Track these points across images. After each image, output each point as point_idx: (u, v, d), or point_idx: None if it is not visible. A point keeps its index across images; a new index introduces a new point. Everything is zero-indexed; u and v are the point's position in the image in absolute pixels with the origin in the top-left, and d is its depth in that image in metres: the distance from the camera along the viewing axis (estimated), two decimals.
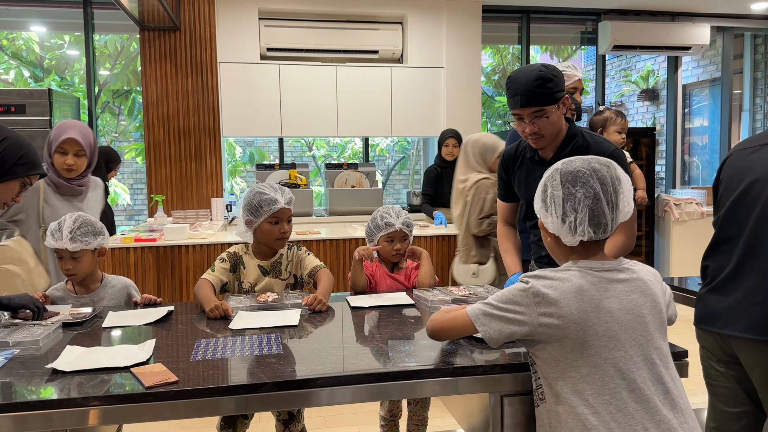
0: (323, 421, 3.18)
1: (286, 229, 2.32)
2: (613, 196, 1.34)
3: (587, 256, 1.39)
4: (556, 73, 1.95)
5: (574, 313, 1.30)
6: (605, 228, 1.35)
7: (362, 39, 5.82)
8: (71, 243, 2.11)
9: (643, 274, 1.40)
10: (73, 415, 1.32)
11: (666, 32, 6.29)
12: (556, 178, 1.37)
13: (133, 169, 8.64)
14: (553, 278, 1.34)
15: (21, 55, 8.11)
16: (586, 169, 1.35)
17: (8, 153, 1.84)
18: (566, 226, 1.35)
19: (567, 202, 1.34)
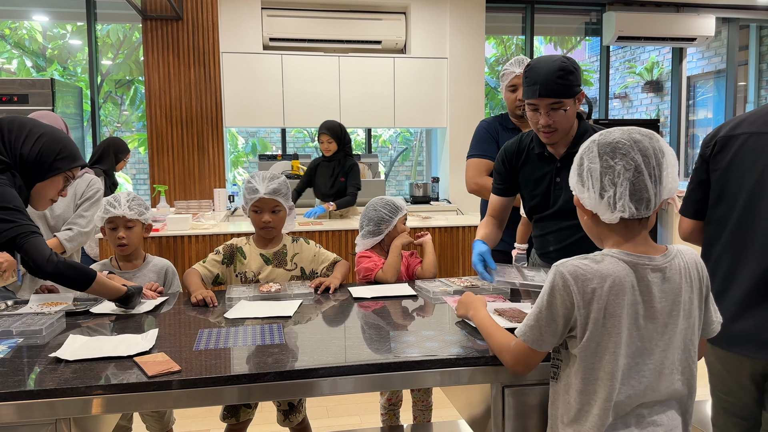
0: (325, 411, 3.20)
1: (267, 219, 2.32)
2: (656, 169, 1.22)
3: (628, 237, 1.26)
4: (576, 66, 1.91)
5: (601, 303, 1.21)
6: (648, 204, 1.23)
7: (365, 29, 5.79)
8: (129, 211, 2.27)
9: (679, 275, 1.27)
10: (77, 403, 1.33)
11: (671, 23, 6.25)
12: (593, 150, 1.26)
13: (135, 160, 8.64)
14: (586, 260, 1.24)
15: (23, 44, 8.10)
16: (626, 139, 1.24)
17: (47, 149, 1.86)
18: (605, 201, 1.23)
19: (605, 175, 1.23)
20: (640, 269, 1.23)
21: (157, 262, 2.43)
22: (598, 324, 1.22)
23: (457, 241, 4.15)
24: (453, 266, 4.16)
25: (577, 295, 1.21)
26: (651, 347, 1.25)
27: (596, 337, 1.23)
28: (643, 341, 1.25)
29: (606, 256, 1.25)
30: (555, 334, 1.27)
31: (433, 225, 4.14)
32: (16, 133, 1.85)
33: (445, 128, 6.01)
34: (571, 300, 1.22)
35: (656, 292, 1.24)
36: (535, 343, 1.28)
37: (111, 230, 2.31)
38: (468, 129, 5.94)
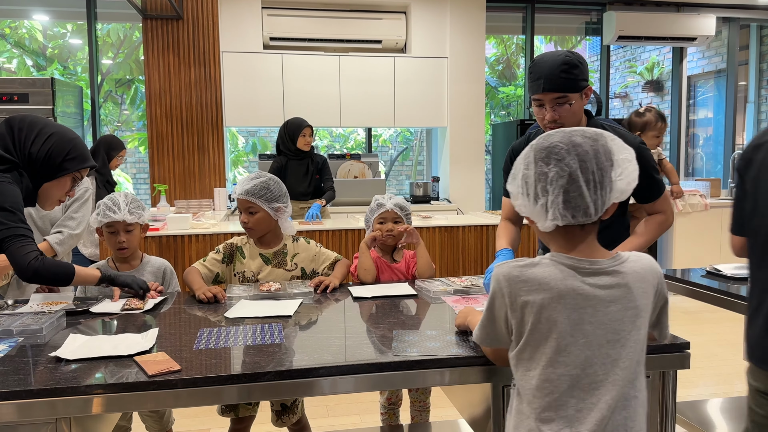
0: (325, 410, 3.20)
1: (243, 220, 2.33)
2: (596, 174, 1.15)
3: (570, 243, 1.21)
4: (582, 61, 1.89)
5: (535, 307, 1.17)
6: (585, 211, 1.16)
7: (365, 28, 5.79)
8: (129, 215, 2.26)
9: (631, 279, 1.20)
10: (77, 403, 1.33)
11: (671, 23, 6.25)
12: (530, 156, 1.20)
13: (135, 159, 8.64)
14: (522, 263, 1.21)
15: (24, 43, 8.10)
16: (565, 143, 1.16)
17: (56, 149, 1.85)
18: (538, 208, 1.18)
19: (539, 183, 1.17)
20: (580, 273, 1.18)
21: (154, 262, 2.42)
22: (533, 329, 1.18)
23: (458, 241, 4.15)
24: (453, 266, 4.16)
25: (510, 297, 1.19)
26: (601, 356, 1.17)
27: (532, 343, 1.19)
28: (592, 350, 1.17)
29: (544, 259, 1.21)
30: (499, 335, 1.27)
31: (433, 224, 4.14)
32: (27, 132, 1.84)
33: (445, 128, 6.01)
34: (505, 302, 1.21)
35: (603, 297, 1.17)
36: (481, 340, 1.33)
37: (110, 234, 2.29)
38: (468, 128, 5.95)
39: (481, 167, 6.08)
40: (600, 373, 1.17)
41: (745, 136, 7.19)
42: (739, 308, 2.19)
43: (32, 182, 1.87)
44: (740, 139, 7.16)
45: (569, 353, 1.17)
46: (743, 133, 7.19)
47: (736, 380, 3.65)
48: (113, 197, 2.31)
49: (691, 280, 2.45)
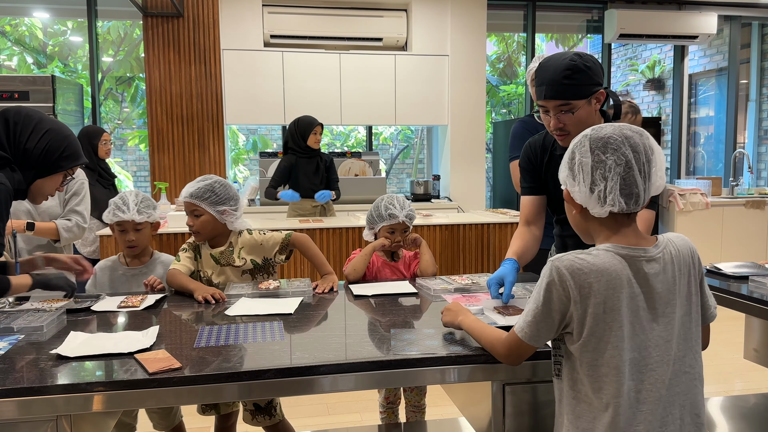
0: (325, 408, 3.20)
1: (189, 223, 2.29)
2: (646, 166, 1.24)
3: (617, 231, 1.28)
4: (591, 64, 1.76)
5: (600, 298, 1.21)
6: (637, 199, 1.24)
7: (366, 26, 5.79)
8: (138, 215, 2.27)
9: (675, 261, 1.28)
10: (78, 400, 1.33)
11: (673, 21, 6.24)
12: (585, 145, 1.26)
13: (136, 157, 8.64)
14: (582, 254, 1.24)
15: (24, 41, 8.09)
16: (618, 135, 1.24)
17: (53, 146, 1.83)
18: (595, 195, 1.25)
19: (596, 170, 1.24)
20: (635, 261, 1.24)
21: (164, 258, 2.44)
22: (598, 319, 1.21)
23: (458, 239, 4.15)
24: (454, 264, 4.16)
25: (574, 290, 1.21)
26: (654, 338, 1.25)
27: (597, 333, 1.22)
28: (645, 333, 1.24)
29: (601, 250, 1.25)
30: (551, 330, 1.27)
31: (434, 223, 4.14)
32: (22, 127, 1.82)
33: (446, 126, 6.01)
34: (568, 295, 1.22)
35: (654, 283, 1.24)
36: (532, 339, 1.29)
37: (120, 232, 2.31)
38: (469, 126, 5.95)
39: (481, 165, 6.07)
40: (654, 354, 1.24)
41: (746, 135, 7.18)
42: (739, 307, 2.19)
43: (25, 178, 1.85)
44: (741, 138, 7.15)
45: (631, 339, 1.23)
46: (744, 132, 7.19)
47: (737, 379, 3.65)
48: (123, 196, 2.31)
49: None
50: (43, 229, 2.50)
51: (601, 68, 1.82)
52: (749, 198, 5.91)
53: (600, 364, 1.23)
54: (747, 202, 5.85)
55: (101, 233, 3.78)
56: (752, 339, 2.82)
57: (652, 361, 1.24)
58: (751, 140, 7.13)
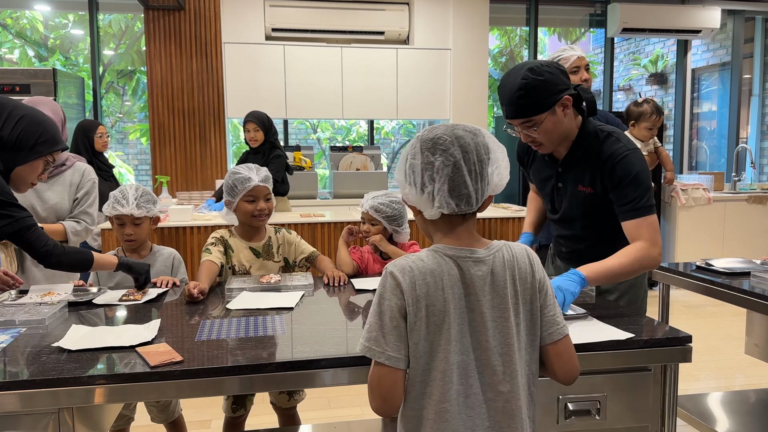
0: (326, 402, 3.21)
1: (262, 207, 2.31)
2: (477, 165, 1.20)
3: (451, 232, 1.25)
4: (546, 75, 1.72)
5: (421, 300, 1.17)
6: (468, 200, 1.21)
7: (368, 20, 5.77)
8: (137, 209, 2.27)
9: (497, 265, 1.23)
10: (79, 393, 1.33)
11: (676, 15, 6.21)
12: (416, 146, 1.23)
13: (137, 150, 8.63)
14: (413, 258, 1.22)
15: (25, 34, 8.08)
16: (449, 135, 1.21)
17: (27, 132, 1.80)
18: (425, 196, 1.22)
19: (425, 171, 1.21)
20: (461, 262, 1.21)
21: (164, 251, 2.45)
22: (429, 322, 1.18)
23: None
24: None
25: (408, 292, 1.17)
26: (483, 343, 1.20)
27: (429, 336, 1.18)
28: (473, 336, 1.20)
29: (429, 252, 1.23)
30: (401, 339, 1.17)
31: None
32: None
33: (448, 120, 6.00)
34: (404, 298, 1.17)
35: (480, 285, 1.21)
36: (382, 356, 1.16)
37: (119, 226, 2.32)
38: (471, 120, 5.92)
39: None
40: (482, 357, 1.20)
41: (749, 130, 7.16)
42: (741, 302, 2.19)
43: (4, 166, 1.83)
44: (744, 133, 7.13)
45: (459, 342, 1.19)
46: (747, 127, 7.16)
47: (738, 374, 3.66)
48: (123, 190, 2.31)
49: (692, 274, 2.45)
50: (51, 231, 2.47)
51: (562, 73, 1.77)
52: (751, 193, 5.90)
53: (431, 368, 1.18)
54: (749, 197, 5.84)
55: (102, 227, 3.78)
56: (753, 334, 2.82)
57: (479, 365, 1.20)
58: (753, 135, 7.11)
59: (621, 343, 1.53)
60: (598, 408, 1.56)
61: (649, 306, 2.13)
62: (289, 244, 2.45)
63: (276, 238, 2.43)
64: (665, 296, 2.62)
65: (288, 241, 2.45)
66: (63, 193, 2.50)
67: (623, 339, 1.54)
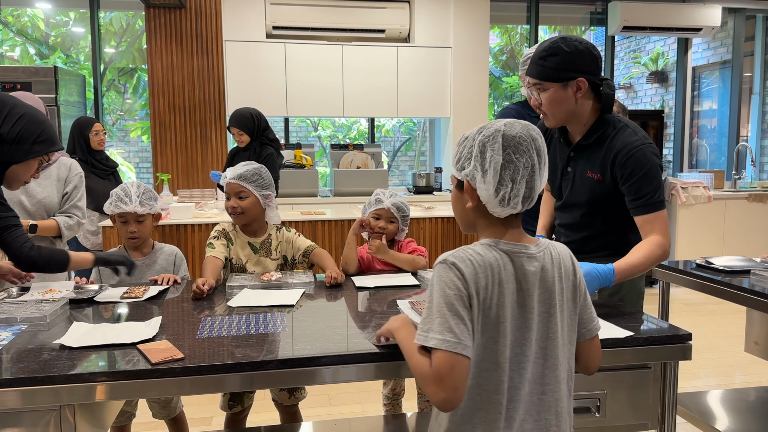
0: (327, 399, 3.21)
1: (234, 205, 2.32)
2: (543, 168, 1.23)
3: (506, 229, 1.25)
4: (573, 51, 1.75)
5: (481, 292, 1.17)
6: (531, 201, 1.23)
7: (369, 18, 5.76)
8: (140, 207, 2.29)
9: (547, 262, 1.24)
10: (81, 390, 1.34)
11: (676, 13, 6.20)
12: (498, 141, 1.20)
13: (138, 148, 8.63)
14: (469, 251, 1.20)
15: (26, 32, 8.08)
16: (527, 136, 1.21)
17: (27, 131, 1.80)
18: (500, 196, 1.20)
19: (506, 170, 1.20)
20: (516, 258, 1.21)
21: (165, 248, 2.46)
22: (487, 314, 1.18)
23: (459, 232, 4.15)
24: None
25: (471, 282, 1.16)
26: (530, 337, 1.21)
27: (485, 328, 1.18)
28: (522, 331, 1.21)
29: (485, 246, 1.22)
30: (470, 328, 1.15)
31: (435, 215, 4.14)
32: None
33: (448, 118, 6.00)
34: (468, 288, 1.15)
35: (532, 281, 1.21)
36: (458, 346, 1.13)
37: (122, 223, 2.33)
38: (472, 118, 5.93)
39: None
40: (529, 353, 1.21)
41: (749, 128, 7.15)
42: (741, 300, 2.19)
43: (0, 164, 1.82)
44: (744, 131, 7.13)
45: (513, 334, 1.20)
46: (747, 125, 7.16)
47: (737, 372, 3.66)
48: (126, 187, 2.32)
49: (692, 272, 2.45)
50: (45, 228, 2.48)
51: (595, 57, 1.80)
52: (752, 191, 5.90)
53: (484, 359, 1.18)
54: (749, 195, 5.84)
55: (103, 224, 3.79)
56: (753, 332, 2.82)
57: (529, 360, 1.21)
58: (754, 133, 7.10)
59: (621, 340, 1.54)
60: (598, 405, 1.56)
61: (649, 304, 2.14)
62: (288, 242, 2.45)
63: (276, 236, 2.44)
64: (665, 294, 2.62)
65: (287, 238, 2.46)
66: (51, 188, 2.52)
67: (623, 337, 1.54)
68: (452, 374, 1.11)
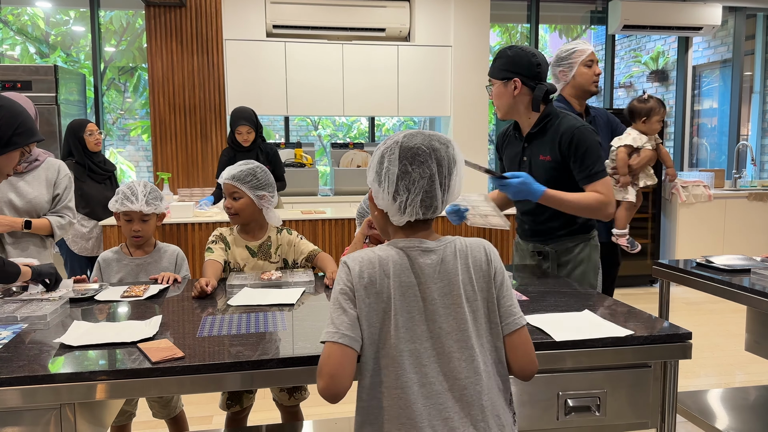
0: None
1: (228, 206, 2.30)
2: (447, 178, 1.27)
3: (413, 234, 1.30)
4: (514, 55, 2.13)
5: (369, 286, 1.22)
6: (435, 209, 1.28)
7: (369, 16, 5.76)
8: (146, 206, 2.30)
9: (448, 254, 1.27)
10: (81, 389, 1.34)
11: (677, 12, 6.20)
12: (395, 152, 1.26)
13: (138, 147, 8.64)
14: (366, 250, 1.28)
15: (26, 30, 8.07)
16: (426, 147, 1.26)
17: (5, 123, 1.78)
18: (396, 204, 1.27)
19: (401, 180, 1.25)
20: (410, 252, 1.27)
21: (168, 248, 2.46)
22: (376, 308, 1.22)
23: (460, 231, 4.15)
24: None
25: (356, 278, 1.22)
26: (437, 330, 1.23)
27: (376, 322, 1.22)
28: (429, 324, 1.24)
29: (383, 245, 1.30)
30: (353, 321, 1.21)
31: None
32: None
33: (449, 117, 5.99)
34: (352, 283, 1.22)
35: (430, 273, 1.25)
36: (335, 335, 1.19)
37: (126, 222, 2.33)
38: (472, 117, 5.93)
39: (484, 157, 6.06)
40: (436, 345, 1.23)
41: (750, 127, 7.15)
42: (741, 299, 2.19)
43: None
44: (745, 130, 7.12)
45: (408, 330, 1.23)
46: (748, 124, 7.15)
47: (737, 371, 3.66)
48: (132, 186, 2.32)
49: (692, 271, 2.45)
50: (38, 227, 2.49)
51: (532, 63, 2.12)
52: (752, 190, 5.90)
53: (381, 356, 1.22)
54: (750, 194, 5.84)
55: (104, 223, 3.78)
56: (753, 331, 2.82)
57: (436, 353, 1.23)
58: (754, 132, 7.10)
59: (621, 339, 1.54)
60: (598, 404, 1.56)
61: (650, 303, 2.15)
62: (289, 245, 2.41)
63: (276, 239, 2.40)
64: (665, 293, 2.63)
65: (288, 241, 2.41)
66: (40, 188, 2.52)
67: (623, 336, 1.54)
68: (329, 361, 1.18)
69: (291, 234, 2.44)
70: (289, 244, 2.42)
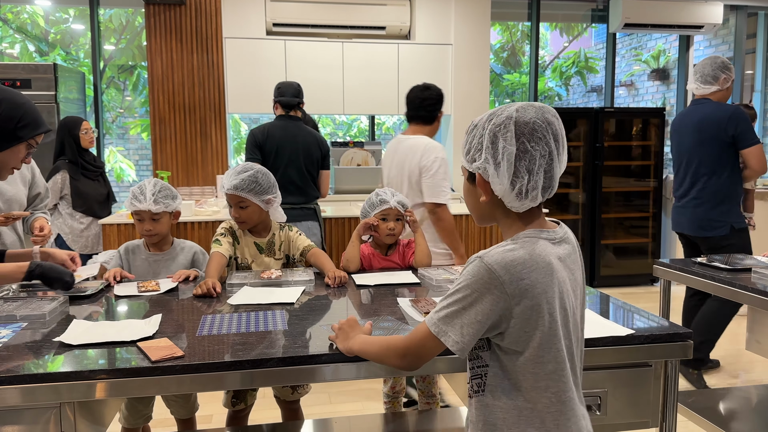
0: (327, 397, 3.21)
1: (236, 215, 2.31)
2: (562, 154, 1.13)
3: (531, 221, 1.16)
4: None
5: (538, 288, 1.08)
6: (551, 191, 1.13)
7: (369, 14, 5.75)
8: (154, 205, 2.27)
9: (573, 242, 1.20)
10: (81, 387, 1.34)
11: (678, 10, 6.19)
12: (509, 129, 1.10)
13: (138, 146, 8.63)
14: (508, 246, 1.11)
15: (26, 29, 8.07)
16: (541, 120, 1.10)
17: (7, 116, 1.72)
18: (515, 189, 1.11)
19: (520, 161, 1.10)
20: (552, 247, 1.14)
21: (185, 245, 2.45)
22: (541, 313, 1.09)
23: (461, 229, 4.15)
24: None
25: (510, 286, 1.07)
26: (576, 321, 1.16)
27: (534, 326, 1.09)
28: (575, 317, 1.16)
29: (523, 239, 1.13)
30: (477, 333, 1.10)
31: None
32: None
33: (449, 115, 5.99)
34: (504, 293, 1.07)
35: (569, 264, 1.16)
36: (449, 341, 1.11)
37: (138, 221, 2.33)
38: (472, 115, 5.91)
39: None
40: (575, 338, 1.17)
41: None
42: (743, 299, 2.18)
43: None
44: None
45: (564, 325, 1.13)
46: None
47: (738, 370, 3.66)
48: (142, 185, 2.31)
49: (695, 270, 2.45)
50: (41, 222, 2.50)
51: None
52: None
53: (546, 360, 1.10)
54: None
55: (103, 222, 3.79)
56: (755, 330, 2.82)
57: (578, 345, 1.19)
58: (756, 131, 7.09)
59: (622, 338, 1.54)
60: (598, 403, 1.56)
61: (650, 302, 2.14)
62: (289, 241, 2.46)
63: (279, 235, 2.45)
64: (666, 292, 2.62)
65: (288, 237, 2.46)
66: (17, 184, 2.43)
67: (624, 335, 1.54)
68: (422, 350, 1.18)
69: (291, 230, 2.48)
70: (290, 240, 2.46)
